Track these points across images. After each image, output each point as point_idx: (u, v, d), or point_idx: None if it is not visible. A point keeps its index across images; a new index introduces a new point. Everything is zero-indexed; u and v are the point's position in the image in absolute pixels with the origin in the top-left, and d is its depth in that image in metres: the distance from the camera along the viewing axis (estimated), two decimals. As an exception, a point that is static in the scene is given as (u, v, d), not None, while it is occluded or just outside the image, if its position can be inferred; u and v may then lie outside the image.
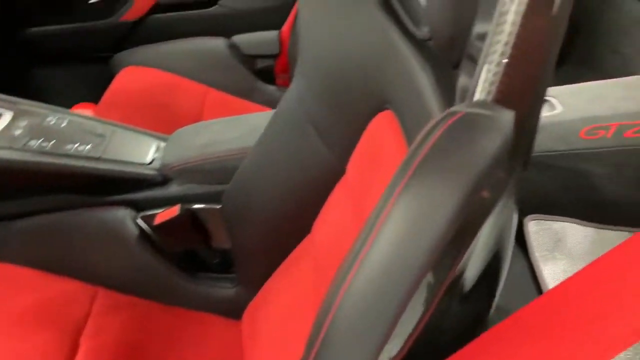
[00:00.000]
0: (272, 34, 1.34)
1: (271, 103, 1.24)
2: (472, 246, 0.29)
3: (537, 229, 0.78)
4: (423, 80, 0.49)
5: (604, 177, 0.79)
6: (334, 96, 0.64)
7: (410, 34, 0.53)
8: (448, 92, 0.45)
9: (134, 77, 1.31)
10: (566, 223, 0.78)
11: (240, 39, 1.34)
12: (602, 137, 0.78)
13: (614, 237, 0.77)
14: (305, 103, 0.69)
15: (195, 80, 1.30)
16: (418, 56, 0.51)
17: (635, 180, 0.79)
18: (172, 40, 1.36)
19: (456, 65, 0.42)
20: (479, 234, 0.29)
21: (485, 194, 0.26)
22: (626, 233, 0.78)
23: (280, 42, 1.33)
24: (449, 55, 0.43)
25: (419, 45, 0.51)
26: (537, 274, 0.73)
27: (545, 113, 0.84)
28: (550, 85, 0.96)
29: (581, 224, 0.78)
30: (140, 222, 0.85)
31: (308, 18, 0.68)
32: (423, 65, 0.50)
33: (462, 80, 0.40)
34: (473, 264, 0.33)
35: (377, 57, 0.57)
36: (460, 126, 0.27)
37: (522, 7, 0.30)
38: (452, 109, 0.29)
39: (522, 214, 0.82)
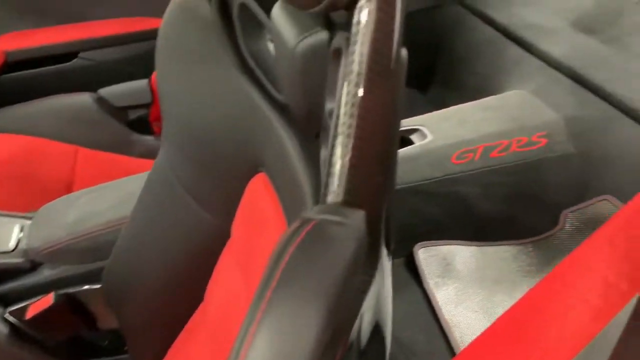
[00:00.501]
0: (141, 83, 1.27)
1: (150, 153, 1.18)
2: (349, 338, 0.28)
3: (426, 256, 0.81)
4: (289, 145, 0.48)
5: (477, 198, 0.84)
6: (205, 161, 0.61)
7: (272, 97, 0.52)
8: (313, 159, 0.44)
9: (-9, 146, 1.18)
10: (452, 246, 0.82)
11: (107, 91, 1.26)
12: (471, 160, 0.83)
13: (494, 252, 0.82)
14: (176, 169, 0.66)
15: (62, 141, 1.20)
16: (282, 120, 0.50)
17: (502, 196, 0.85)
18: (30, 101, 1.24)
19: (317, 135, 0.42)
20: (354, 328, 0.28)
21: (350, 298, 0.25)
22: (505, 247, 0.83)
23: (151, 90, 1.27)
24: (308, 126, 0.42)
25: (283, 108, 0.51)
26: (432, 302, 0.75)
27: (418, 142, 0.88)
28: (421, 110, 1.02)
29: (465, 245, 0.83)
30: (9, 317, 0.75)
31: (166, 81, 0.65)
32: (288, 130, 0.49)
33: (323, 151, 0.39)
34: (355, 347, 0.32)
35: (244, 120, 0.56)
36: (311, 240, 0.26)
37: (359, 84, 0.30)
38: (305, 215, 0.28)
39: (414, 242, 0.84)
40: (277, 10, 0.43)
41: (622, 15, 0.92)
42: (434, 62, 1.22)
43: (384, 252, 0.33)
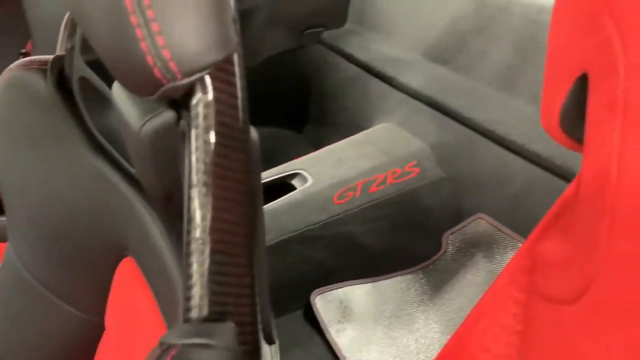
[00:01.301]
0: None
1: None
2: None
3: (324, 302, 0.79)
4: (153, 228, 0.44)
5: (365, 234, 0.85)
6: (62, 252, 0.54)
7: (131, 176, 0.47)
8: (180, 241, 0.41)
9: None
10: (347, 287, 0.82)
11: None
12: (352, 198, 0.84)
13: (389, 286, 0.83)
14: (29, 264, 0.57)
15: None
16: (144, 200, 0.46)
17: (388, 229, 0.87)
18: None
19: (180, 218, 0.38)
20: None
21: None
22: (398, 278, 0.85)
23: None
24: (168, 209, 0.39)
25: (142, 186, 0.46)
26: (336, 351, 0.74)
27: (300, 187, 0.87)
28: (300, 150, 1.02)
29: (359, 283, 0.83)
30: None
31: (3, 170, 0.57)
32: (150, 210, 0.45)
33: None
34: None
35: (101, 202, 0.50)
36: None
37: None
38: (166, 340, 0.25)
39: (310, 290, 0.82)
40: (117, 87, 0.39)
41: (467, 44, 1.01)
42: (306, 101, 1.23)
43: (265, 348, 0.31)
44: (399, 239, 0.88)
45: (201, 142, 0.29)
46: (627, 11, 0.23)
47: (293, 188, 0.88)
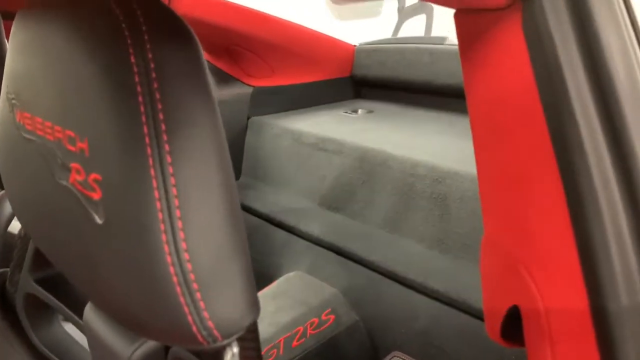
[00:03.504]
0: None
1: None
2: None
3: None
4: None
5: (292, 390, 0.85)
6: None
7: None
8: None
9: None
10: None
11: None
12: (276, 356, 0.85)
13: None
14: None
15: None
16: None
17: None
18: None
19: None
20: None
21: None
22: None
23: None
24: None
25: None
26: None
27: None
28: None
29: None
30: None
31: None
32: None
33: None
34: None
35: None
36: None
37: None
38: None
39: None
40: (90, 313, 0.39)
41: (355, 193, 1.14)
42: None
43: None
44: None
45: None
46: (535, 268, 0.33)
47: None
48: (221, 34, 1.19)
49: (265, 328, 0.89)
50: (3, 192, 0.60)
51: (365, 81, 1.45)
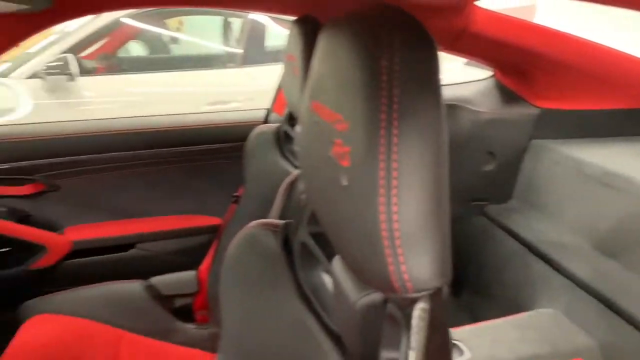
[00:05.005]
0: (190, 274, 1.37)
1: (190, 342, 1.22)
2: None
3: None
4: None
5: None
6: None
7: (328, 327, 0.57)
8: None
9: (43, 326, 1.24)
10: None
11: (158, 280, 1.36)
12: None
13: None
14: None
15: (111, 325, 1.26)
16: (337, 351, 0.54)
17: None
18: (87, 286, 1.34)
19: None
20: None
21: None
22: None
23: (199, 280, 1.36)
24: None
25: (338, 339, 0.55)
26: None
27: (456, 359, 0.91)
28: (451, 318, 1.06)
29: None
30: None
31: (227, 297, 0.73)
32: None
33: None
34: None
35: (297, 347, 0.60)
36: None
37: None
38: None
39: None
40: (338, 264, 0.51)
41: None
42: (465, 268, 1.29)
43: None
44: None
45: (415, 341, 0.41)
46: None
47: None
48: (512, 52, 1.19)
49: (502, 353, 0.89)
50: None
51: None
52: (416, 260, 0.38)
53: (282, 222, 0.70)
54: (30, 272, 1.36)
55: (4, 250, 1.34)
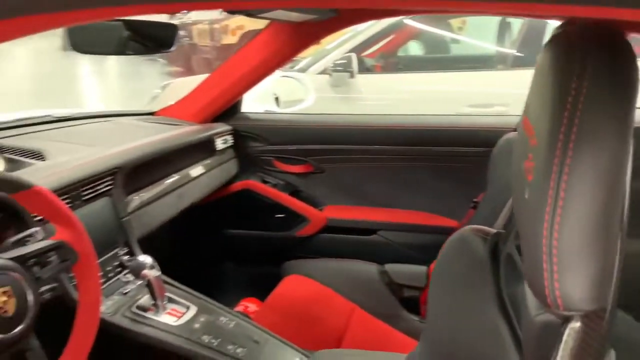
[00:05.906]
0: (421, 268, 1.43)
1: (413, 333, 1.28)
2: None
3: None
4: None
5: None
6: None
7: (519, 340, 0.56)
8: None
9: (296, 285, 1.49)
10: None
11: (391, 267, 1.46)
12: None
13: None
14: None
15: (346, 298, 1.43)
16: None
17: None
18: (333, 259, 1.54)
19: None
20: None
21: None
22: None
23: (428, 276, 1.41)
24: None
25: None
26: None
27: None
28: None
29: None
30: None
31: (436, 293, 0.77)
32: None
33: None
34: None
35: (485, 353, 0.61)
36: None
37: None
38: None
39: None
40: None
41: None
42: None
43: None
44: None
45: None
46: None
47: None
48: None
49: None
50: None
51: None
52: (570, 278, 0.38)
53: (493, 230, 0.70)
54: (294, 238, 1.64)
55: (280, 216, 1.65)
